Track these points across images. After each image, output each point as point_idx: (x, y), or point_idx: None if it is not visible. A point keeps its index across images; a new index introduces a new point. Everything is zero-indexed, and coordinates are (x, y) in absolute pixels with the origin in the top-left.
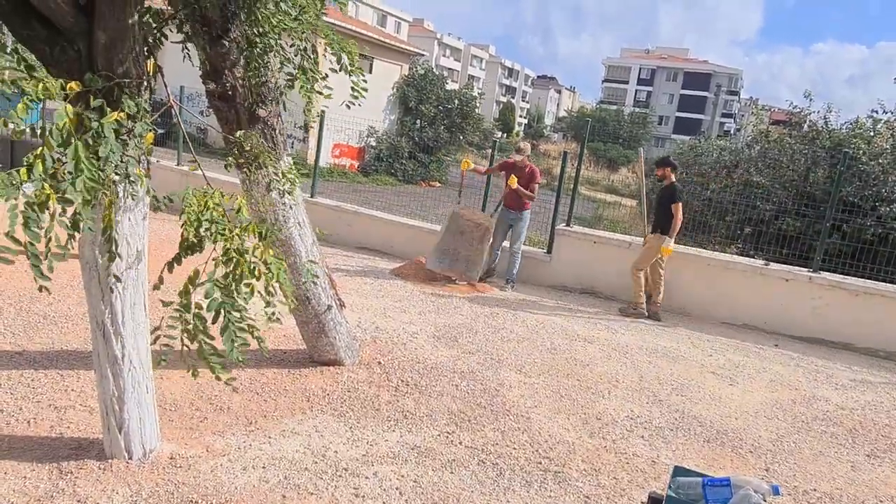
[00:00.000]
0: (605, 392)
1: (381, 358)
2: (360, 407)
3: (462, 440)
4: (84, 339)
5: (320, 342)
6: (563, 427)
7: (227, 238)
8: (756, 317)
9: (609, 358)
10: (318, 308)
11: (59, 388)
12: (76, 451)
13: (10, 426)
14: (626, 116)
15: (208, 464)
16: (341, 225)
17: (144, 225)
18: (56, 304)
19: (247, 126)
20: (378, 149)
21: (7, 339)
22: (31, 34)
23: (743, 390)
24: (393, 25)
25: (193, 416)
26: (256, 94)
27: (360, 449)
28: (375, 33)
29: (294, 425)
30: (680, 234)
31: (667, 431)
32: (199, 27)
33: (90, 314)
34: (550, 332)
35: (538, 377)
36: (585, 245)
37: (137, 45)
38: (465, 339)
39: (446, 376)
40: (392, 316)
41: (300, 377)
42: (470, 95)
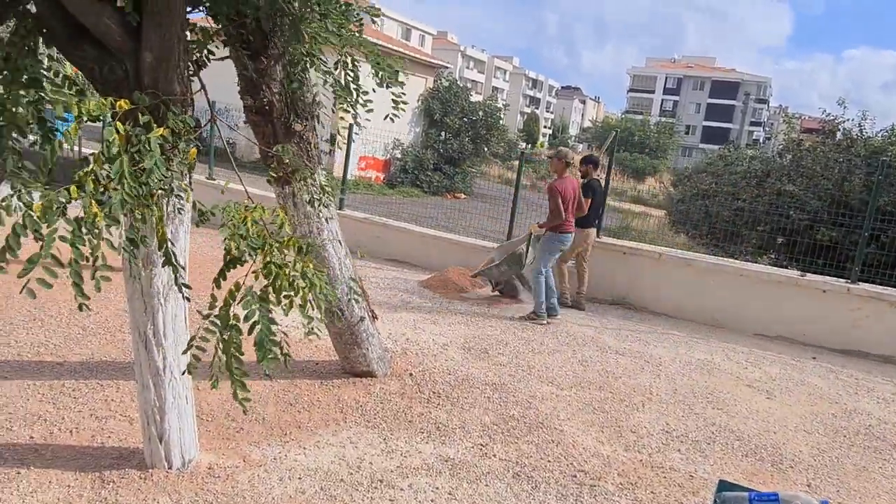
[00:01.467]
0: (638, 405)
1: (413, 369)
2: (393, 418)
3: (496, 452)
4: (123, 350)
5: (353, 354)
6: (598, 440)
7: (267, 252)
8: (792, 328)
9: (642, 370)
10: (352, 320)
11: (99, 398)
12: (117, 460)
13: (54, 435)
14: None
15: (246, 474)
16: (370, 237)
17: (186, 238)
18: (95, 316)
19: (283, 140)
20: (403, 161)
21: (49, 350)
22: (83, 55)
23: (781, 403)
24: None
25: (230, 427)
26: (292, 108)
27: (395, 460)
28: (400, 47)
29: (328, 436)
30: (721, 240)
31: (704, 445)
32: (239, 44)
33: (132, 325)
34: (581, 344)
35: (570, 389)
36: (615, 256)
37: (182, 63)
38: (495, 350)
39: (478, 388)
40: (422, 328)
41: (333, 388)
42: (494, 107)
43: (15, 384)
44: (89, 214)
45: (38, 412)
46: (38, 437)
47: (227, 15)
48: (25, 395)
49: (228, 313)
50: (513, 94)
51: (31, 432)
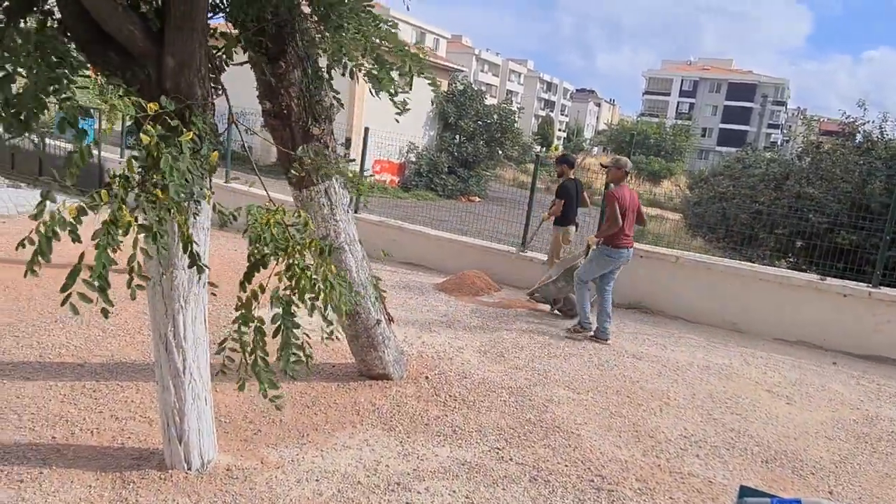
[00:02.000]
0: (656, 409)
1: (428, 373)
2: (410, 421)
3: (512, 456)
4: (142, 352)
5: (369, 356)
6: (615, 445)
7: (289, 254)
8: (812, 333)
9: (659, 375)
10: (368, 322)
11: (119, 399)
12: (137, 461)
13: (75, 436)
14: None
15: (263, 476)
16: (385, 240)
17: (207, 240)
18: (115, 318)
19: (301, 144)
20: (418, 164)
21: (70, 352)
22: (106, 60)
23: (801, 409)
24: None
25: (247, 429)
26: (310, 112)
27: (411, 463)
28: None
29: (345, 439)
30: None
31: (723, 451)
32: (258, 49)
33: (153, 327)
34: (598, 348)
35: (587, 394)
36: (632, 260)
37: (203, 68)
38: (511, 354)
39: (494, 392)
40: (437, 331)
41: (349, 391)
42: (509, 110)
43: (37, 385)
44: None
45: (59, 413)
46: (60, 437)
47: (247, 20)
48: (47, 396)
49: (251, 315)
50: (527, 97)
51: (53, 432)
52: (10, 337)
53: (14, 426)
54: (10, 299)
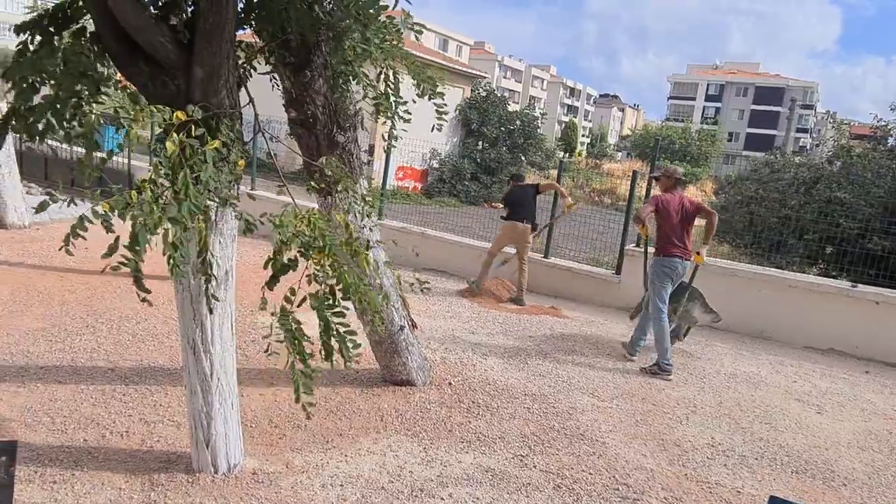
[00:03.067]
0: (682, 418)
1: (452, 379)
2: (433, 427)
3: (536, 464)
4: (169, 357)
5: (393, 362)
6: (641, 453)
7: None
8: (843, 341)
9: (685, 382)
10: (392, 328)
11: (148, 402)
12: (165, 464)
13: (105, 439)
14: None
15: (288, 480)
16: (408, 246)
17: (233, 247)
18: (143, 323)
19: (326, 152)
20: (441, 171)
21: (101, 356)
22: (137, 70)
23: (832, 419)
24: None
25: (273, 433)
26: (335, 120)
27: (435, 469)
28: (438, 57)
29: (369, 444)
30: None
31: (751, 460)
32: (284, 58)
33: (181, 332)
34: (621, 355)
35: (612, 401)
36: None
37: (231, 78)
38: (534, 361)
39: (517, 398)
40: (461, 337)
41: (373, 396)
42: (532, 116)
43: (70, 388)
44: (152, 218)
45: (91, 416)
46: (92, 439)
47: (272, 31)
48: (79, 399)
49: (288, 318)
50: (550, 102)
51: (84, 435)
52: (44, 341)
53: (47, 428)
54: (44, 305)
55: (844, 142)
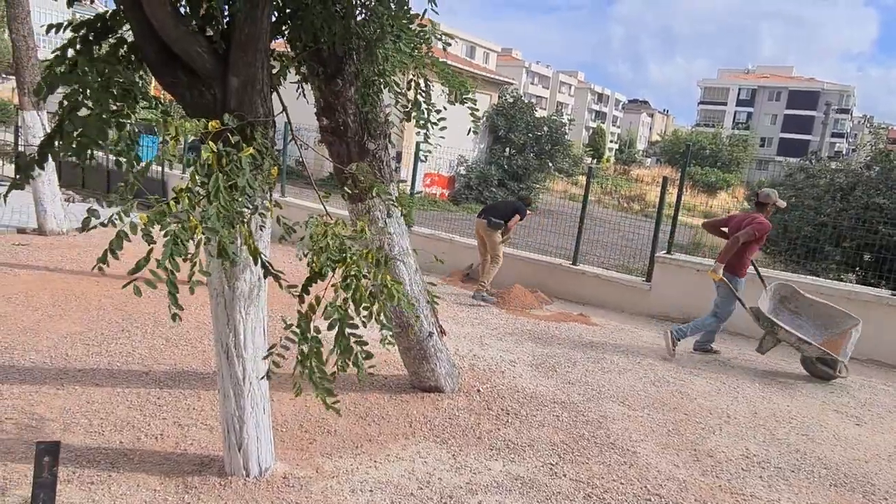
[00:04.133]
0: (716, 428)
1: (480, 386)
2: (462, 434)
3: (566, 472)
4: (202, 361)
5: (422, 368)
6: (673, 463)
7: (346, 265)
8: (883, 351)
9: (719, 392)
10: (420, 335)
11: (181, 406)
12: (199, 467)
13: (141, 441)
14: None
15: (319, 485)
16: (436, 253)
17: (267, 252)
18: (177, 328)
19: (357, 159)
20: (468, 177)
21: (136, 360)
22: (175, 80)
23: (872, 431)
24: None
25: (303, 438)
26: (366, 128)
27: (464, 477)
28: (465, 64)
29: (398, 450)
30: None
31: (787, 473)
32: (316, 67)
33: (215, 337)
34: (653, 364)
35: (643, 410)
36: (688, 273)
37: (265, 87)
38: (563, 368)
39: (547, 406)
40: (489, 344)
41: (402, 402)
42: (559, 122)
43: (106, 391)
44: (187, 227)
45: (126, 418)
46: (127, 441)
47: (305, 41)
48: (115, 402)
49: (309, 325)
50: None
51: (120, 437)
52: (82, 345)
53: (85, 430)
54: (81, 309)
55: (882, 146)
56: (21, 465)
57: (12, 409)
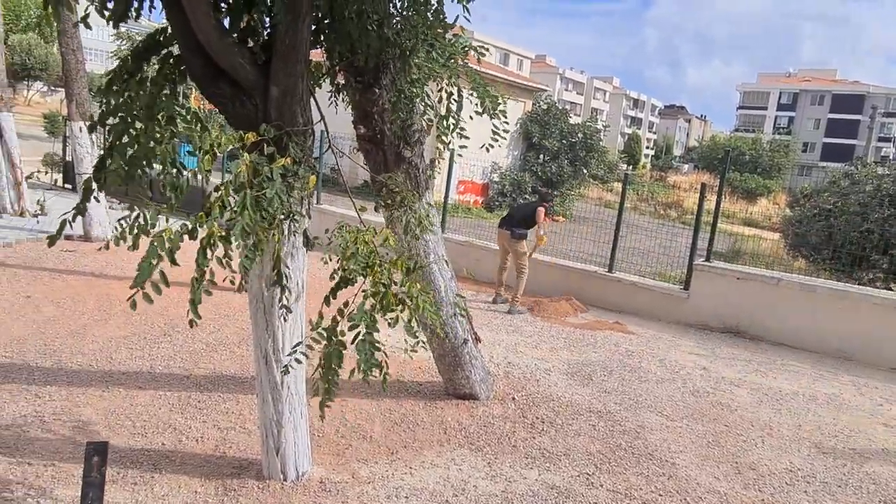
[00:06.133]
0: (758, 440)
1: (515, 394)
2: (497, 442)
3: (603, 483)
4: (241, 366)
5: (456, 375)
6: (713, 476)
7: (375, 272)
8: None
9: (760, 403)
10: (455, 342)
11: (220, 409)
12: (237, 469)
13: (182, 443)
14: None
15: (355, 490)
16: (470, 260)
17: (303, 259)
18: (216, 333)
19: (393, 167)
20: (501, 184)
21: (177, 364)
22: (218, 91)
23: None
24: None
25: (339, 443)
26: (402, 136)
27: (499, 485)
28: (498, 72)
29: (433, 457)
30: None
31: (834, 488)
32: (353, 77)
33: (254, 342)
34: (692, 374)
35: (681, 421)
36: (728, 281)
37: (305, 97)
38: (599, 377)
39: (582, 415)
40: (524, 351)
41: (436, 409)
42: (594, 128)
43: (149, 394)
44: (211, 236)
45: (168, 421)
46: (169, 443)
47: (342, 51)
48: (158, 405)
49: (336, 328)
50: (613, 114)
51: (162, 439)
52: (125, 349)
53: (129, 432)
54: (124, 314)
55: None
56: (68, 464)
57: (60, 410)
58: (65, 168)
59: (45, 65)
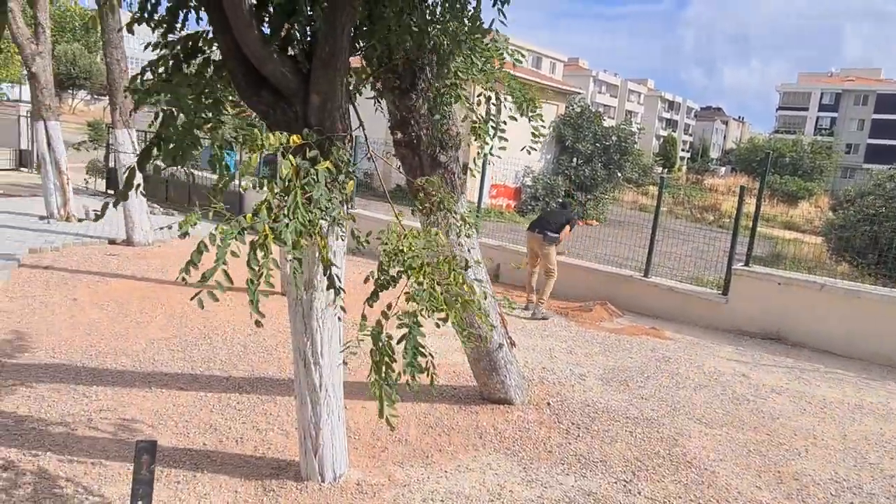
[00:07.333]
0: (801, 450)
1: (550, 399)
2: (532, 447)
3: (641, 490)
4: (278, 368)
5: (491, 380)
6: (754, 485)
7: (421, 272)
8: None
9: (803, 412)
10: (490, 346)
11: (259, 411)
12: (276, 470)
13: (223, 444)
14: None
15: (391, 492)
16: (504, 264)
17: (343, 264)
18: (254, 336)
19: (429, 171)
20: (534, 188)
21: (216, 365)
22: (260, 99)
23: None
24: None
25: (375, 446)
26: (438, 141)
27: (535, 490)
28: (531, 75)
29: (468, 461)
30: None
31: (881, 499)
32: (391, 82)
33: (293, 345)
34: (731, 380)
35: (721, 428)
36: (768, 286)
37: (344, 104)
38: (635, 383)
39: (619, 421)
40: (558, 357)
41: (471, 413)
42: (628, 131)
43: (190, 395)
44: (260, 237)
45: (209, 422)
46: (210, 444)
47: (380, 57)
48: (199, 405)
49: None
50: (648, 117)
51: (203, 439)
52: (167, 350)
53: (172, 432)
54: (166, 316)
55: None
56: (114, 462)
57: (106, 410)
58: (108, 175)
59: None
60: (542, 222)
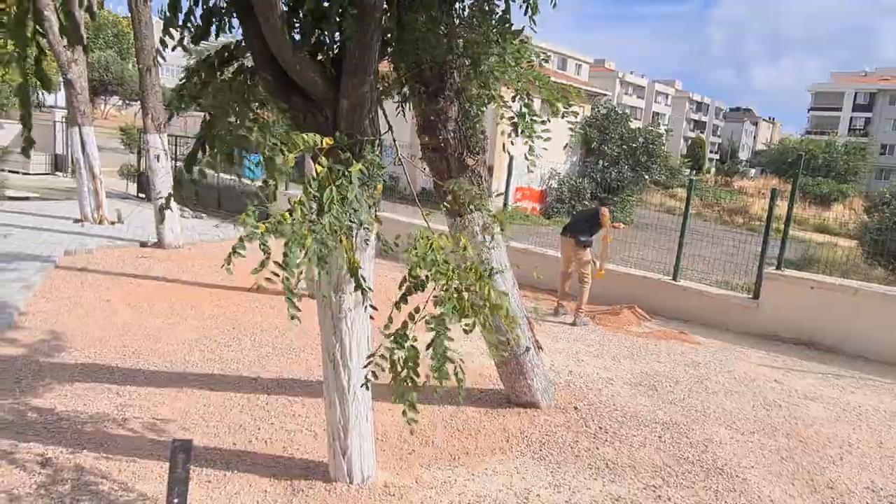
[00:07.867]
0: (835, 457)
1: (577, 403)
2: (560, 451)
3: (671, 496)
4: (306, 370)
5: (518, 383)
6: (788, 493)
7: (448, 277)
8: None
9: (838, 419)
10: (517, 349)
11: (287, 412)
12: (305, 471)
13: (252, 444)
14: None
15: (418, 495)
16: (530, 267)
17: (371, 267)
18: (282, 338)
19: (456, 175)
20: (560, 191)
21: (245, 367)
22: (291, 104)
23: None
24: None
25: (402, 448)
26: (465, 144)
27: (563, 495)
28: (557, 77)
29: (495, 464)
30: None
31: None
32: (418, 87)
33: (322, 346)
34: (762, 386)
35: (752, 435)
36: (801, 290)
37: (373, 109)
38: (664, 388)
39: (647, 426)
40: (585, 360)
41: (498, 417)
42: (655, 133)
43: (220, 395)
44: (300, 235)
45: (238, 422)
46: (240, 444)
47: (408, 62)
48: (228, 406)
49: (406, 333)
50: (676, 118)
51: (233, 439)
52: (198, 351)
53: (203, 431)
54: (196, 317)
55: None
56: (148, 461)
57: (139, 410)
58: (139, 179)
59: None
60: (574, 226)
